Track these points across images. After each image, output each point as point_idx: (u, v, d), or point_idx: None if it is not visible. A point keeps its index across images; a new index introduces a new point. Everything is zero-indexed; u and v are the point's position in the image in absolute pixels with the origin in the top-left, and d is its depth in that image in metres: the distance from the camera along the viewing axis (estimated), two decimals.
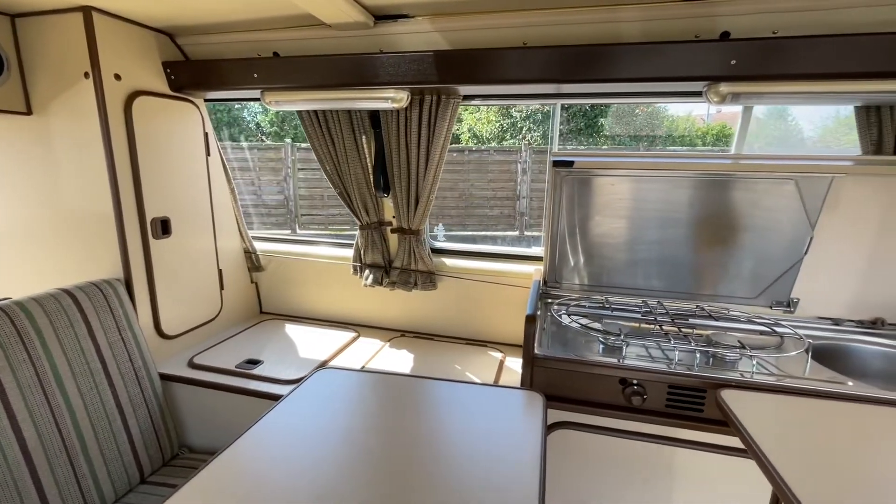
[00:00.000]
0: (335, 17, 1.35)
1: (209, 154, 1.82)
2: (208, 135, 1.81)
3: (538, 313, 1.41)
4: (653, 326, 1.44)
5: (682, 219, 1.54)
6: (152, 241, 1.58)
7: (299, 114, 1.76)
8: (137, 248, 1.54)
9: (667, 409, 1.20)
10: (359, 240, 1.92)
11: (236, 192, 2.01)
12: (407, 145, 1.66)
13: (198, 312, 1.82)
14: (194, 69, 1.63)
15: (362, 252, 1.92)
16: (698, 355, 1.25)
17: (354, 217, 1.88)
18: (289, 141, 5.92)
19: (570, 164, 1.53)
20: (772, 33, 1.24)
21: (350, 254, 1.97)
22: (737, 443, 0.97)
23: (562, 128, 6.71)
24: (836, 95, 1.21)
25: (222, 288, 1.94)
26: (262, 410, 1.07)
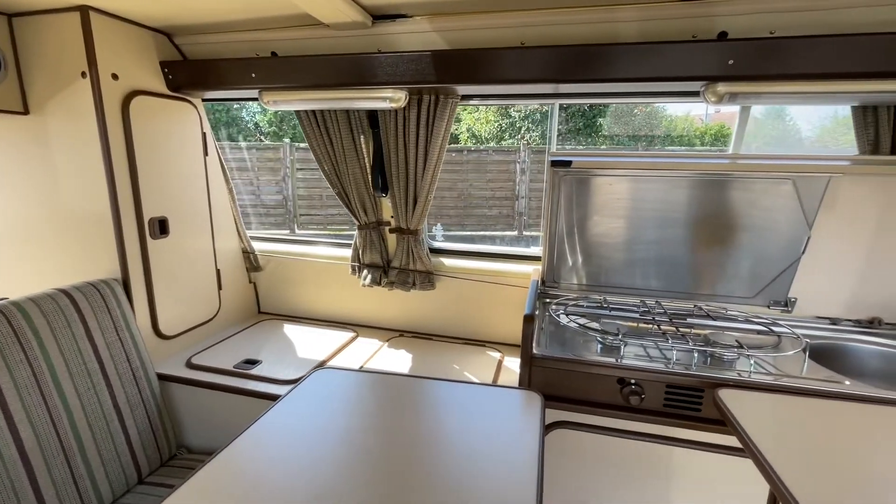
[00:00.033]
0: (333, 16, 1.35)
1: (207, 154, 1.82)
2: (206, 135, 1.81)
3: (536, 313, 1.41)
4: (651, 326, 1.44)
5: (680, 218, 1.54)
6: (150, 241, 1.57)
7: (297, 114, 1.76)
8: (135, 248, 1.54)
9: (665, 408, 1.20)
10: (357, 240, 1.92)
11: (234, 192, 2.01)
12: (405, 145, 1.66)
13: (196, 312, 1.82)
14: (192, 69, 1.62)
15: (360, 252, 1.92)
16: (696, 355, 1.25)
17: (353, 217, 1.88)
18: (287, 141, 5.91)
19: (568, 163, 1.54)
20: (769, 33, 1.24)
21: (348, 254, 1.97)
22: (734, 442, 0.98)
23: (560, 128, 6.72)
24: (832, 95, 1.22)
25: (220, 288, 1.93)
26: (261, 411, 1.06)
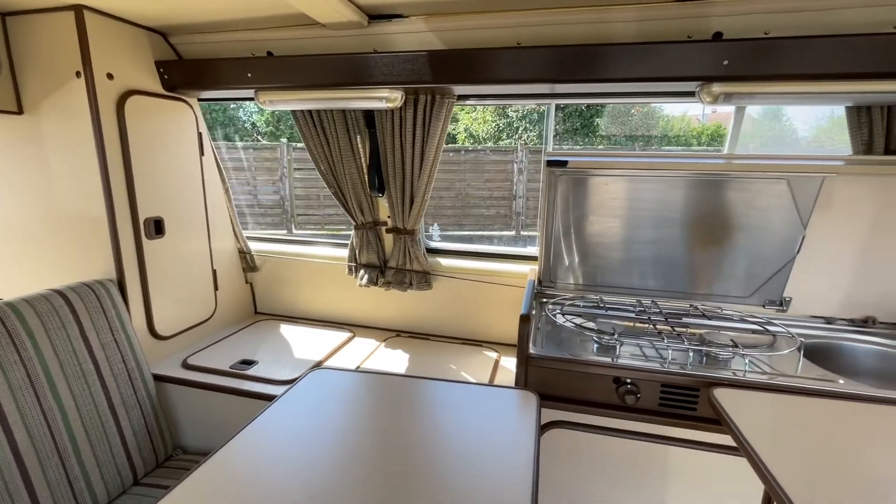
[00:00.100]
0: (329, 16, 1.35)
1: (203, 154, 1.81)
2: (202, 134, 1.81)
3: (533, 313, 1.41)
4: (647, 325, 1.44)
5: (676, 218, 1.55)
6: (145, 241, 1.57)
7: (293, 114, 1.75)
8: (130, 249, 1.53)
9: (660, 407, 1.20)
10: (354, 240, 1.92)
11: (230, 193, 2.00)
12: (402, 145, 1.66)
13: (192, 313, 1.81)
14: (188, 69, 1.62)
15: (357, 252, 1.92)
16: (691, 354, 1.25)
17: (349, 217, 1.88)
18: (284, 141, 5.90)
19: (565, 163, 1.54)
20: (763, 34, 1.25)
21: (345, 254, 1.97)
22: (730, 441, 0.98)
23: (558, 128, 6.73)
24: (827, 96, 1.22)
25: (216, 288, 1.93)
26: (257, 411, 1.06)
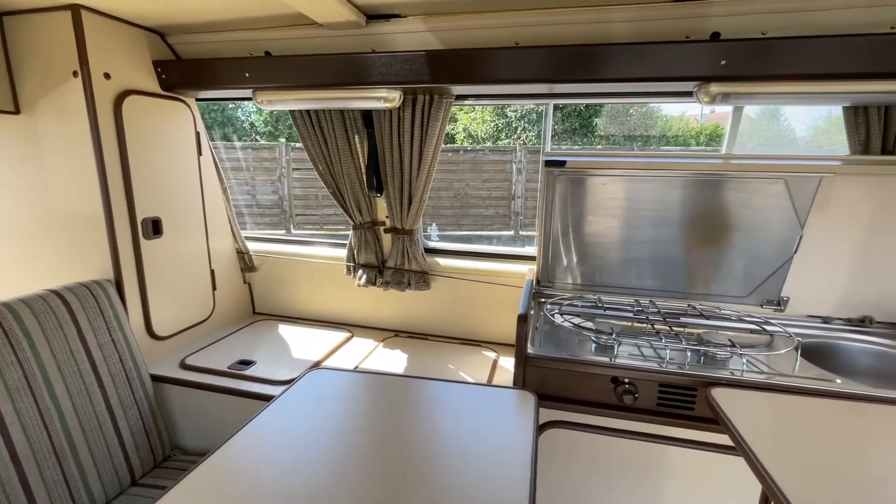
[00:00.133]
0: (327, 16, 1.35)
1: (201, 154, 1.81)
2: (200, 134, 1.80)
3: (531, 313, 1.41)
4: (645, 325, 1.44)
5: (674, 218, 1.55)
6: (143, 241, 1.56)
7: (291, 113, 1.75)
8: (128, 249, 1.53)
9: (658, 407, 1.20)
10: (352, 240, 1.92)
11: (229, 192, 2.00)
12: (400, 145, 1.66)
13: (190, 313, 1.81)
14: (185, 68, 1.62)
15: (356, 252, 1.92)
16: (689, 354, 1.26)
17: (348, 217, 1.88)
18: (283, 140, 5.90)
19: (563, 163, 1.54)
20: (761, 34, 1.25)
21: (343, 254, 1.97)
22: (727, 440, 0.98)
23: (556, 128, 6.74)
24: (824, 96, 1.22)
25: (215, 288, 1.93)
26: (255, 411, 1.06)
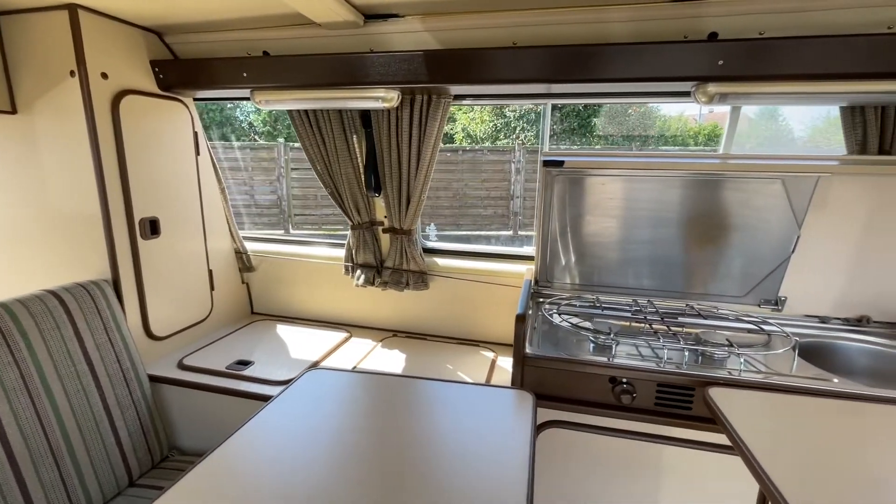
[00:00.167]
0: (325, 16, 1.35)
1: (199, 154, 1.80)
2: (198, 134, 1.80)
3: (529, 313, 1.42)
4: (643, 325, 1.45)
5: (672, 218, 1.55)
6: (140, 241, 1.56)
7: (290, 113, 1.75)
8: (125, 249, 1.53)
9: (656, 407, 1.20)
10: (350, 240, 1.91)
11: (227, 192, 2.00)
12: (398, 145, 1.66)
13: (188, 313, 1.81)
14: (183, 68, 1.61)
15: (354, 252, 1.92)
16: (687, 354, 1.26)
17: (346, 217, 1.88)
18: (282, 140, 5.89)
19: (561, 163, 1.54)
20: (758, 34, 1.25)
21: (342, 254, 1.97)
22: (725, 440, 0.98)
23: (555, 127, 6.74)
24: (821, 96, 1.22)
25: (213, 288, 1.92)
26: (253, 412, 1.06)
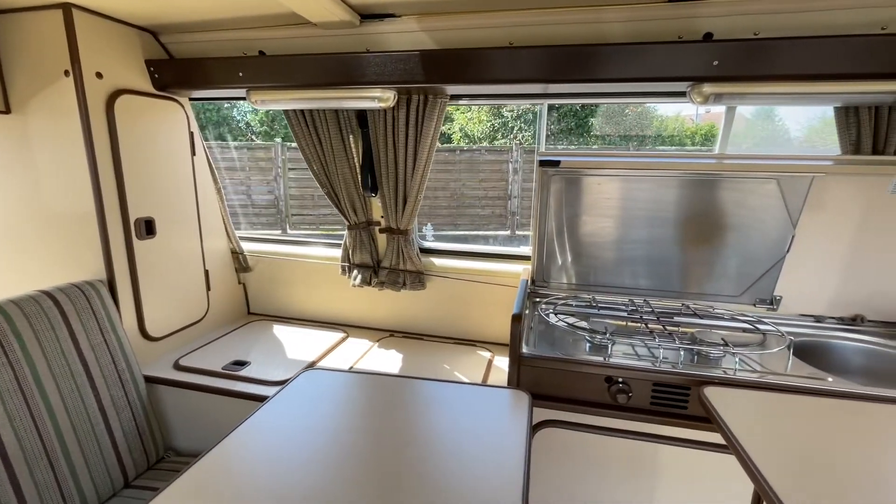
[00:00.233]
0: (321, 15, 1.35)
1: (195, 154, 1.80)
2: (194, 134, 1.79)
3: (525, 312, 1.42)
4: (639, 325, 1.45)
5: (668, 218, 1.56)
6: (136, 241, 1.55)
7: (286, 113, 1.75)
8: (121, 249, 1.52)
9: (651, 406, 1.21)
10: (347, 240, 1.91)
11: (223, 192, 1.99)
12: (394, 145, 1.66)
13: (184, 314, 1.80)
14: (178, 68, 1.61)
15: (350, 252, 1.92)
16: (683, 353, 1.26)
17: (342, 217, 1.87)
18: (279, 140, 5.88)
19: (557, 163, 1.54)
20: (753, 34, 1.26)
21: (338, 254, 1.97)
22: (720, 439, 0.99)
23: (552, 127, 6.75)
24: (816, 96, 1.23)
25: (209, 289, 1.92)
26: (250, 412, 1.06)
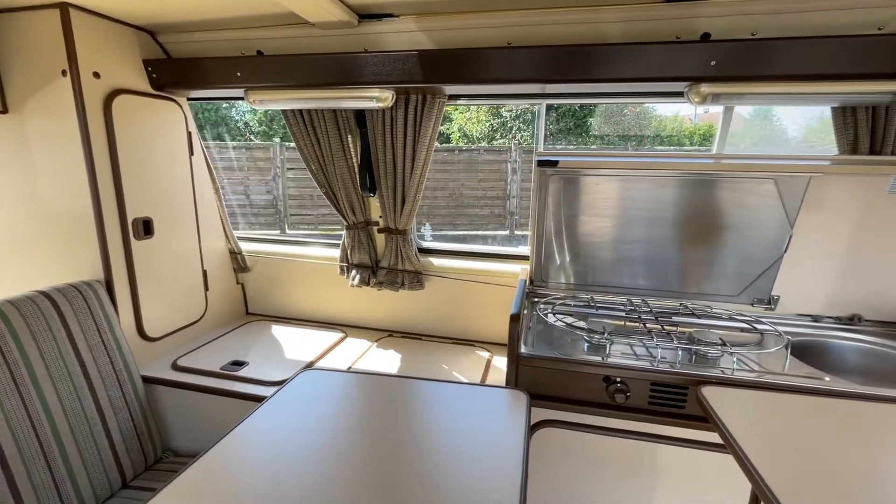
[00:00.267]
0: (319, 15, 1.34)
1: (192, 154, 1.80)
2: (191, 134, 1.79)
3: (524, 312, 1.42)
4: (637, 324, 1.45)
5: (666, 218, 1.56)
6: (134, 241, 1.55)
7: (284, 113, 1.74)
8: (118, 249, 1.52)
9: (649, 406, 1.21)
10: (345, 240, 1.91)
11: (221, 192, 1.99)
12: (393, 145, 1.66)
13: (182, 314, 1.80)
14: (176, 67, 1.60)
15: (349, 252, 1.91)
16: (680, 353, 1.26)
17: (341, 217, 1.87)
18: (277, 140, 5.87)
19: (555, 163, 1.54)
20: (751, 35, 1.26)
21: (337, 254, 1.96)
22: (718, 438, 0.99)
23: (551, 127, 6.76)
24: (813, 96, 1.23)
25: (207, 289, 1.91)
26: (248, 412, 1.06)
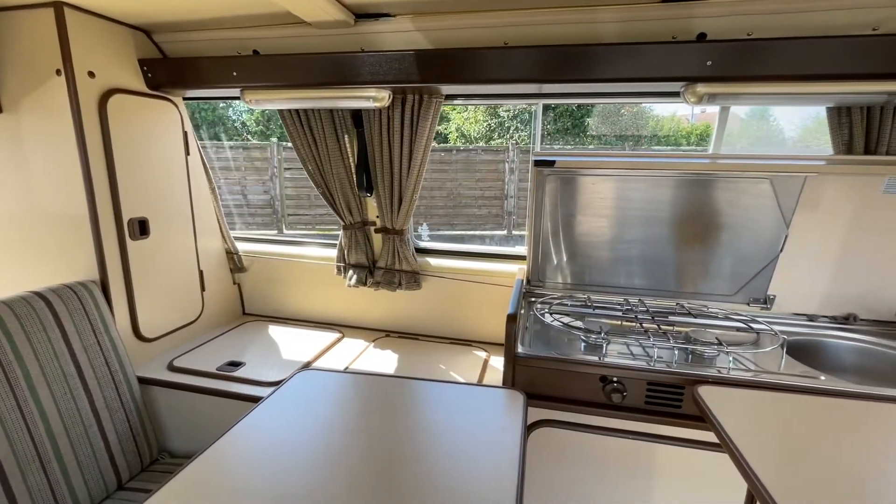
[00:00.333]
0: (315, 15, 1.34)
1: (189, 153, 1.79)
2: (187, 134, 1.78)
3: (521, 312, 1.42)
4: (633, 324, 1.45)
5: (663, 218, 1.56)
6: (129, 241, 1.55)
7: (281, 113, 1.74)
8: (114, 250, 1.51)
9: (646, 405, 1.21)
10: (342, 240, 1.91)
11: (217, 192, 1.98)
12: (390, 145, 1.66)
13: (178, 314, 1.79)
14: (172, 67, 1.60)
15: (346, 252, 1.91)
16: (677, 352, 1.26)
17: (338, 217, 1.87)
18: (275, 140, 5.86)
19: (552, 163, 1.55)
20: (747, 35, 1.26)
21: (334, 254, 1.96)
22: (714, 438, 0.99)
23: (548, 127, 6.77)
24: (808, 96, 1.24)
25: (203, 289, 1.91)
26: (244, 413, 1.05)
